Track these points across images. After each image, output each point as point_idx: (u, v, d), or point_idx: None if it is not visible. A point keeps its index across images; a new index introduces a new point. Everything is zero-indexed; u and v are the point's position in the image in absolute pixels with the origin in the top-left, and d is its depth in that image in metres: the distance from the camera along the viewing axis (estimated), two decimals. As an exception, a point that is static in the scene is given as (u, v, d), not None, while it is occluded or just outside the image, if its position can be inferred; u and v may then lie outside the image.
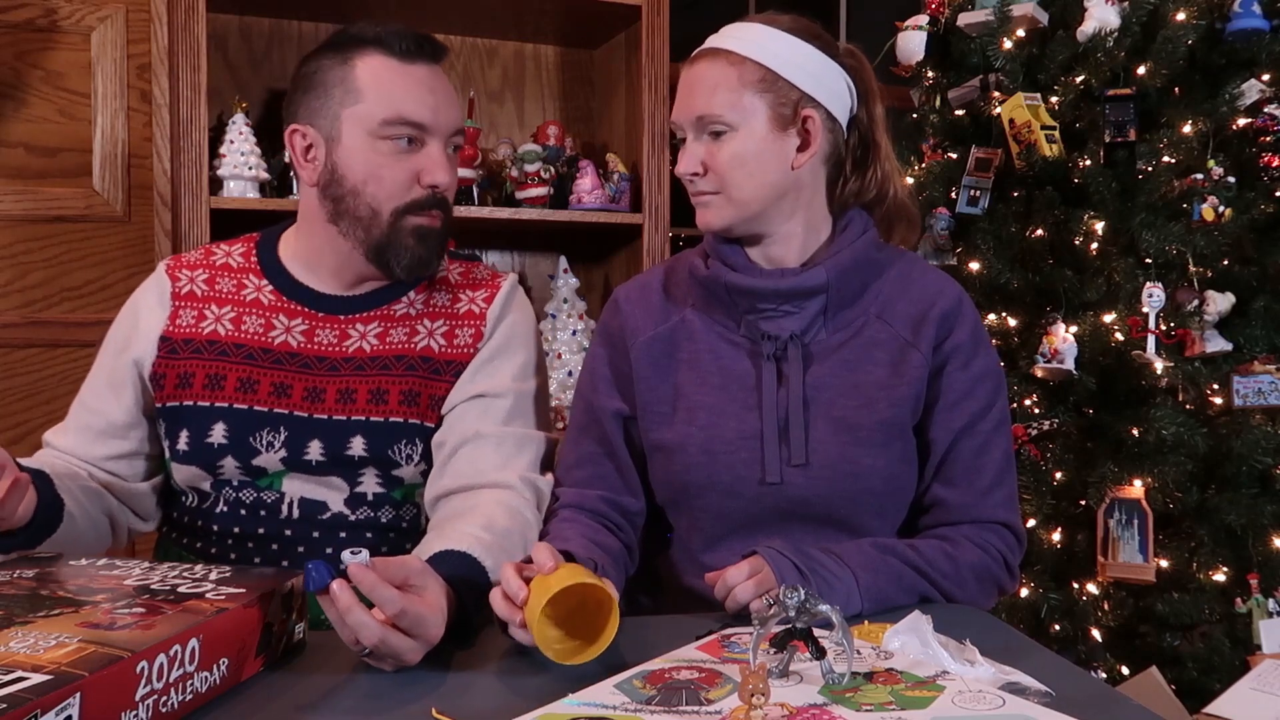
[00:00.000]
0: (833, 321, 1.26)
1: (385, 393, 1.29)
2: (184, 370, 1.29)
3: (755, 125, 1.21)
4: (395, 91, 1.25)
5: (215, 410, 1.28)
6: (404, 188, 1.26)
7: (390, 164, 1.25)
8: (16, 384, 2.49)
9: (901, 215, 1.33)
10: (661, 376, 1.28)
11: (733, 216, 1.24)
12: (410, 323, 1.33)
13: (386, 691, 0.89)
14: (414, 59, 1.27)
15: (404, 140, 1.25)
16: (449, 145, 1.29)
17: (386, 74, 1.25)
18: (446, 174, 1.27)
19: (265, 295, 1.33)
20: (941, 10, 2.55)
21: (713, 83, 1.21)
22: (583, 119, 2.75)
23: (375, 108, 1.24)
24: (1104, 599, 2.14)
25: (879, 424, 1.22)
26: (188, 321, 1.32)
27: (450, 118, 1.28)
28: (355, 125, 1.25)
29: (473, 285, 1.38)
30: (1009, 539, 1.24)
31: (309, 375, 1.29)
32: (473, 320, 1.34)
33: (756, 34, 1.23)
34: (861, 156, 1.30)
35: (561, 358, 2.47)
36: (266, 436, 1.27)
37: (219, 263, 1.37)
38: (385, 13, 2.46)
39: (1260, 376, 2.07)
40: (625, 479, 1.31)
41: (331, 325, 1.32)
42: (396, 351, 1.31)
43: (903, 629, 0.93)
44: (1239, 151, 2.21)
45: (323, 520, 1.29)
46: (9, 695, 0.66)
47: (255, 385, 1.29)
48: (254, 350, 1.30)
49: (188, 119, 2.10)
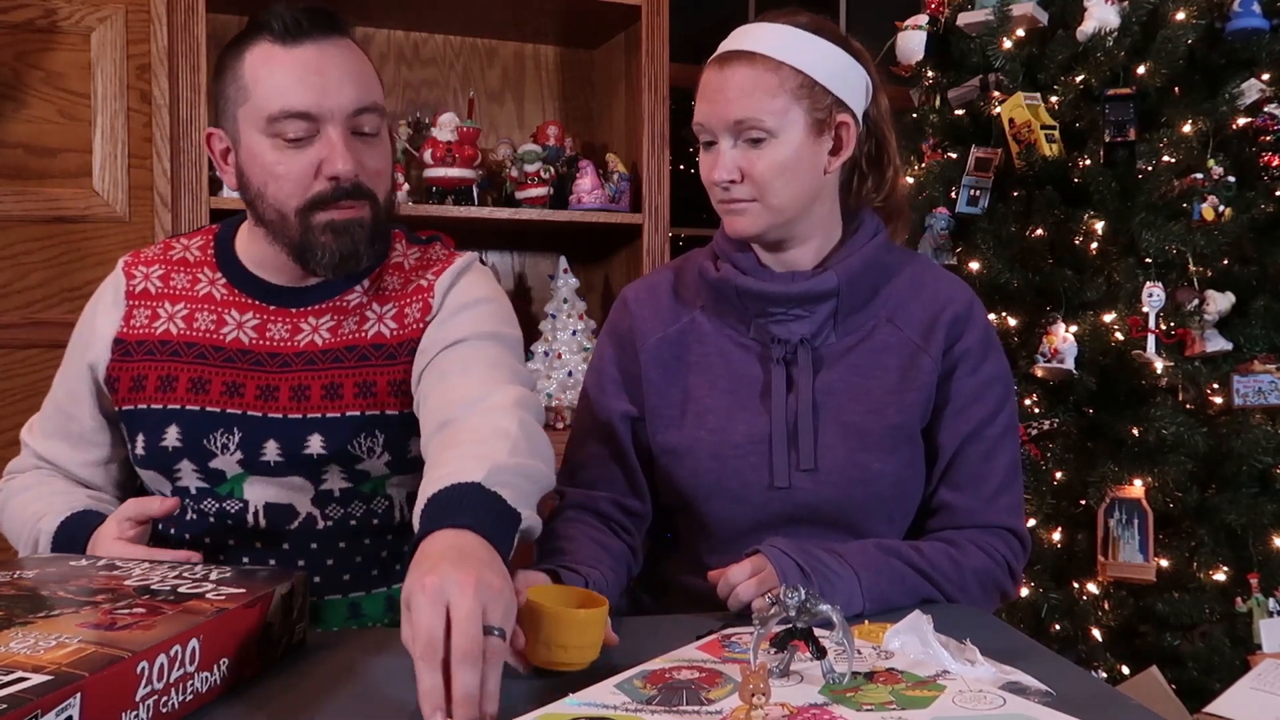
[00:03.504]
0: (843, 325, 1.25)
1: (339, 386, 1.23)
2: (137, 372, 1.25)
3: (794, 132, 1.18)
4: (276, 81, 1.14)
5: (168, 413, 1.22)
6: (303, 184, 1.16)
7: (286, 160, 1.16)
8: (16, 384, 2.49)
9: (899, 213, 1.33)
10: (670, 379, 1.28)
11: (768, 223, 1.22)
12: (360, 311, 1.26)
13: (386, 691, 0.89)
14: (296, 40, 1.15)
15: (294, 133, 1.14)
16: (350, 128, 1.17)
17: (267, 63, 1.15)
18: (346, 161, 1.15)
19: (218, 290, 1.27)
20: (941, 10, 2.55)
21: (750, 87, 1.18)
22: (583, 119, 2.75)
23: (261, 103, 1.15)
24: (1104, 599, 2.14)
25: (888, 429, 1.21)
26: (141, 322, 1.27)
27: (345, 97, 1.15)
28: (249, 125, 1.17)
29: (425, 265, 1.29)
30: (1014, 544, 1.24)
31: (261, 372, 1.23)
32: (420, 294, 1.26)
33: (788, 37, 1.19)
34: (876, 154, 1.29)
35: (561, 358, 2.47)
36: (221, 438, 1.22)
37: (176, 257, 1.30)
38: (384, 13, 2.47)
39: (1260, 376, 2.07)
40: (631, 480, 1.30)
41: (283, 320, 1.25)
42: (348, 343, 1.25)
43: (903, 629, 0.93)
44: (1239, 151, 2.21)
45: (292, 530, 1.24)
46: (9, 695, 0.66)
47: (207, 385, 1.23)
48: (205, 349, 1.24)
49: (188, 119, 2.10)
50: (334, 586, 1.26)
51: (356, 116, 1.17)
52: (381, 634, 1.09)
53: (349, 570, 1.27)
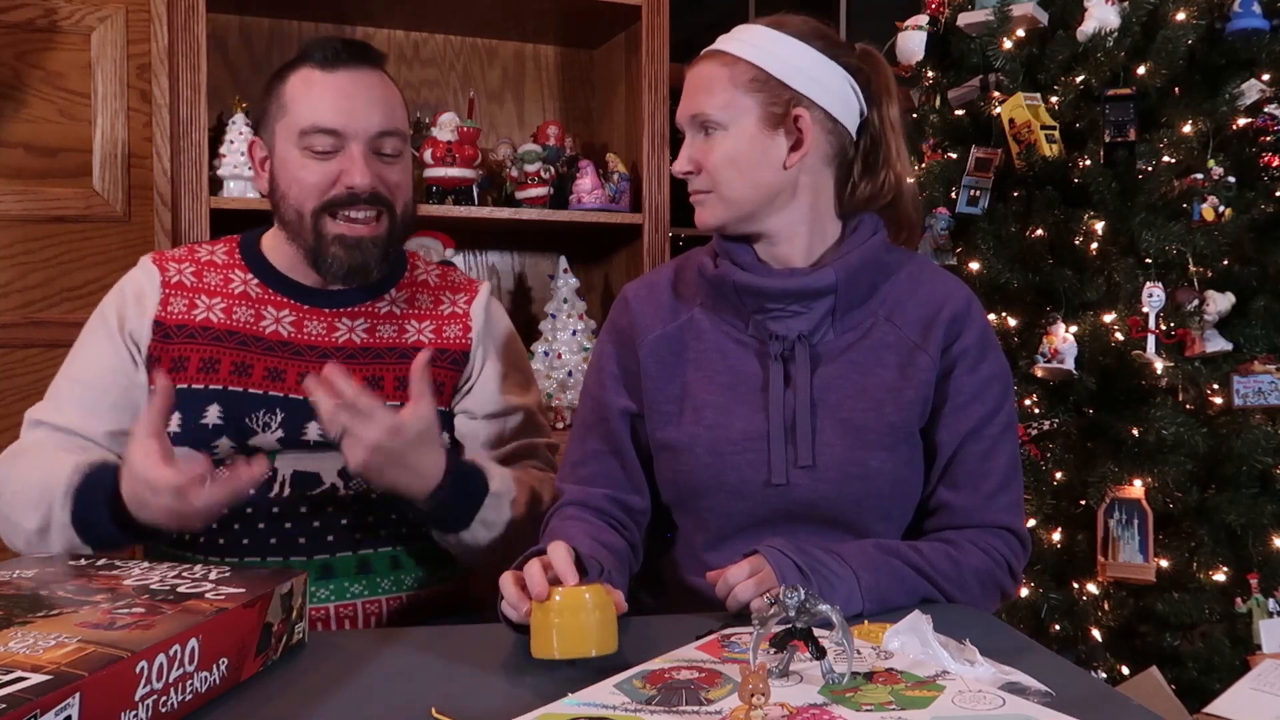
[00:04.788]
0: (841, 323, 1.25)
1: (380, 379, 1.35)
2: (179, 354, 1.31)
3: (745, 124, 1.22)
4: (311, 101, 1.30)
5: (210, 393, 1.30)
6: (321, 189, 1.30)
7: (310, 168, 1.30)
8: (16, 384, 2.49)
9: (905, 223, 1.33)
10: (669, 376, 1.28)
11: (725, 215, 1.25)
12: (397, 321, 1.40)
13: (386, 691, 0.89)
14: (334, 66, 1.31)
15: (322, 147, 1.29)
16: (372, 147, 1.31)
17: (305, 85, 1.31)
18: (365, 176, 1.29)
19: (252, 288, 1.37)
20: (941, 10, 2.55)
21: (706, 83, 1.24)
22: (583, 119, 2.75)
23: (295, 119, 1.30)
24: (1104, 599, 2.14)
25: (886, 427, 1.21)
26: (179, 309, 1.33)
27: (370, 120, 1.30)
28: (284, 138, 1.32)
29: (452, 288, 1.47)
30: (1013, 544, 1.24)
31: (302, 362, 1.33)
32: (458, 319, 1.44)
33: (756, 35, 1.24)
34: (872, 159, 1.30)
35: (561, 358, 2.47)
36: (263, 417, 1.30)
37: (204, 259, 1.39)
38: (385, 13, 2.47)
39: (1260, 376, 2.07)
40: (631, 477, 1.31)
41: (319, 318, 1.37)
42: (388, 344, 1.38)
43: (903, 629, 0.93)
44: (1239, 151, 2.20)
45: (312, 496, 1.31)
46: (9, 695, 0.66)
47: (250, 369, 1.31)
48: (246, 338, 1.33)
49: (188, 119, 2.10)
50: (346, 544, 1.34)
51: (379, 138, 1.32)
52: (381, 634, 1.09)
53: (360, 529, 1.35)
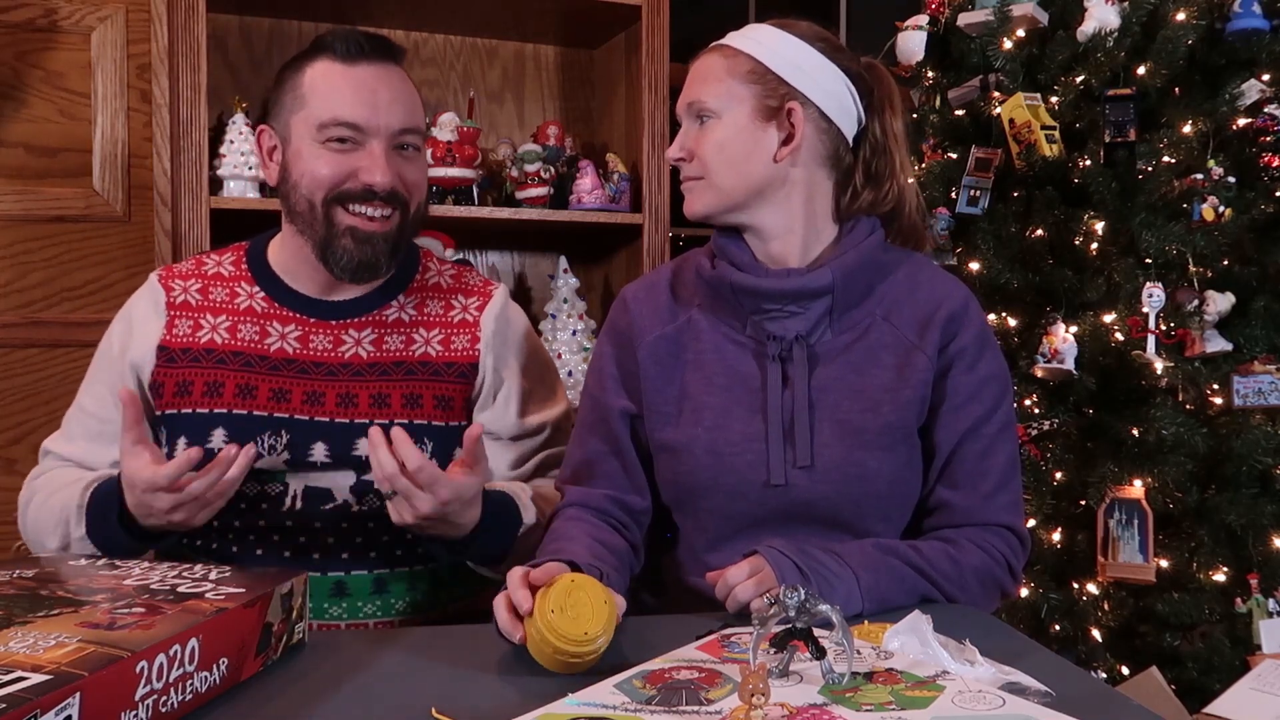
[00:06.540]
0: (838, 323, 1.25)
1: (387, 397, 1.31)
2: (182, 378, 1.30)
3: (738, 114, 1.24)
4: (333, 94, 1.26)
5: (214, 417, 1.28)
6: (335, 181, 1.27)
7: (329, 161, 1.26)
8: (16, 384, 2.49)
9: (908, 232, 1.34)
10: (667, 377, 1.28)
11: (713, 203, 1.26)
12: (405, 330, 1.35)
13: (386, 691, 0.89)
14: (357, 60, 1.27)
15: (342, 140, 1.26)
16: (393, 144, 1.28)
17: (327, 77, 1.27)
18: (384, 174, 1.26)
19: (258, 302, 1.34)
20: (941, 10, 2.55)
21: (705, 73, 1.26)
22: (583, 119, 2.75)
23: (315, 111, 1.26)
24: (1104, 599, 2.14)
25: (884, 427, 1.21)
26: (184, 331, 1.32)
27: (393, 117, 1.27)
28: (301, 129, 1.28)
29: (465, 292, 1.41)
30: (1012, 542, 1.24)
31: (307, 380, 1.31)
32: (467, 328, 1.38)
33: (761, 33, 1.26)
34: (876, 170, 1.30)
35: (561, 358, 2.47)
36: (269, 440, 1.28)
37: (210, 272, 1.37)
38: (385, 13, 2.46)
39: (1260, 376, 2.07)
40: (631, 478, 1.31)
41: (325, 331, 1.34)
42: (395, 358, 1.34)
43: (903, 629, 0.93)
44: (1239, 151, 2.20)
45: (326, 511, 1.29)
46: (9, 695, 0.66)
47: (254, 391, 1.29)
48: (251, 358, 1.31)
49: (188, 119, 2.10)
50: (361, 563, 1.32)
51: (400, 135, 1.28)
52: (381, 634, 1.09)
53: (375, 548, 1.32)
